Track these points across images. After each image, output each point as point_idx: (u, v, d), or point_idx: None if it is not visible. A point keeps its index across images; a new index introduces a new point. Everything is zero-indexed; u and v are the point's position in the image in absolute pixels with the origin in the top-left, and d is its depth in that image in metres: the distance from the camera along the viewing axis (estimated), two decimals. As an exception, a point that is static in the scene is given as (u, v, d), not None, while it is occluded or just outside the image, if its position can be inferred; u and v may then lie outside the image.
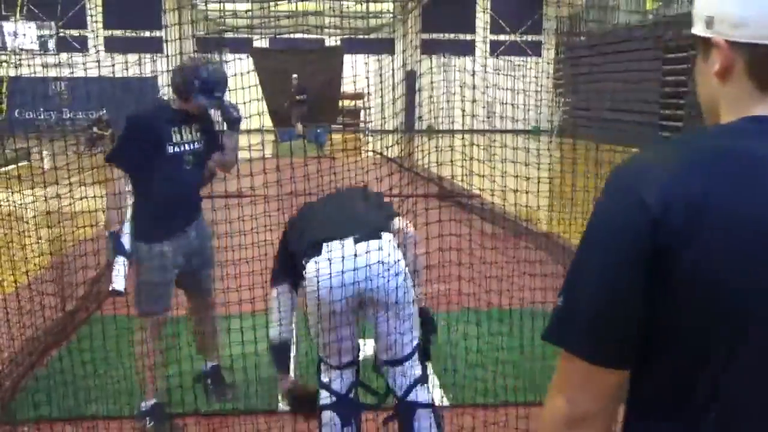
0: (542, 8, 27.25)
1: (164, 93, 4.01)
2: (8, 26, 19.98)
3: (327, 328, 2.88)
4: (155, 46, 17.73)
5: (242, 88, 4.34)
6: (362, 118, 24.02)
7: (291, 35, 22.33)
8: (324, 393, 3.10)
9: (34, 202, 4.66)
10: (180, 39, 4.88)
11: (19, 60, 4.84)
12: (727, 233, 1.06)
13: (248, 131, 4.73)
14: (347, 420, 3.05)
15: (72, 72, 5.63)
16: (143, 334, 3.84)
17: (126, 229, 3.73)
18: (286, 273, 3.12)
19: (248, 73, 4.36)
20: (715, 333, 1.09)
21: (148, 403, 3.86)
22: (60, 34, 22.65)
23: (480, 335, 4.50)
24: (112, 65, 5.23)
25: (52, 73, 6.12)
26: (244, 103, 4.21)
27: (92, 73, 6.23)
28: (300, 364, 4.29)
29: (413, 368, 2.97)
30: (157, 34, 21.45)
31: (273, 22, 21.94)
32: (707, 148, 1.15)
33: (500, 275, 4.91)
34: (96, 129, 17.81)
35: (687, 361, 1.12)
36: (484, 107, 6.23)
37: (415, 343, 2.98)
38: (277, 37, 24.09)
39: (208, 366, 4.31)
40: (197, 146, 3.93)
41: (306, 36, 22.35)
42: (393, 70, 4.37)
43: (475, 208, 8.91)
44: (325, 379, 3.11)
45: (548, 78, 24.76)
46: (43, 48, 21.62)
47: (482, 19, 24.68)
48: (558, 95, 25.20)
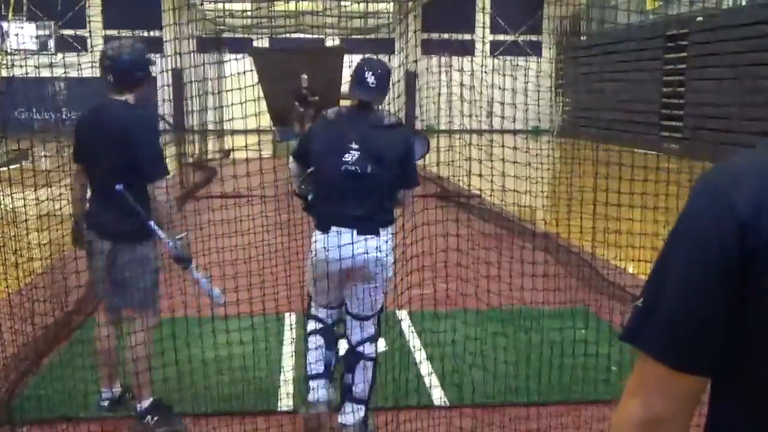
0: (542, 8, 27.25)
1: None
2: (8, 26, 19.98)
3: (321, 283, 3.57)
4: (155, 46, 17.73)
5: (241, 88, 4.34)
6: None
7: (291, 35, 22.30)
8: (311, 322, 3.72)
9: (37, 204, 4.65)
10: (180, 39, 4.87)
11: (12, 61, 4.79)
12: None
13: (243, 131, 4.72)
14: (330, 345, 3.68)
15: (66, 72, 5.60)
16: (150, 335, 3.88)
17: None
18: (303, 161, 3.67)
19: (245, 73, 4.36)
20: None
21: (145, 402, 3.82)
22: (59, 34, 22.65)
23: (479, 336, 4.49)
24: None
25: (50, 73, 6.10)
26: (242, 103, 4.21)
27: (92, 73, 6.22)
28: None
29: (370, 327, 3.61)
30: (156, 34, 21.46)
31: (272, 22, 21.93)
32: None
33: (500, 275, 4.91)
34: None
35: None
36: (481, 107, 6.22)
37: (377, 309, 3.62)
38: (277, 37, 24.08)
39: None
40: None
41: (306, 36, 22.35)
42: (392, 69, 4.36)
43: (475, 208, 8.91)
44: (314, 311, 3.73)
45: (550, 77, 24.76)
46: (43, 48, 21.62)
47: (482, 19, 24.68)
48: (558, 95, 25.22)
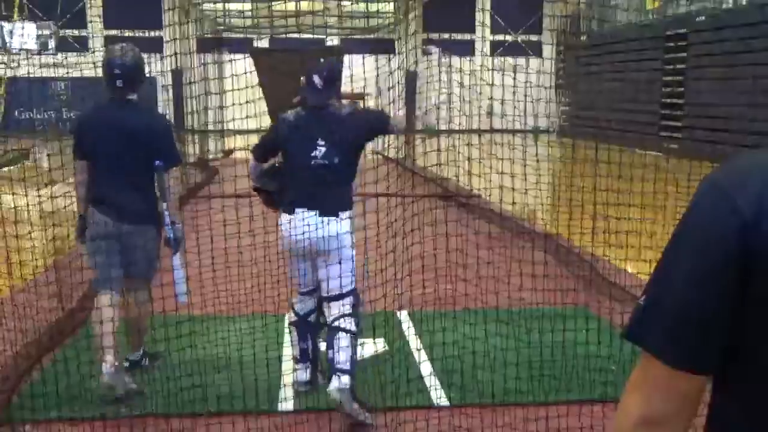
0: (542, 8, 27.24)
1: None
2: (7, 26, 19.99)
3: (294, 264, 4.00)
4: (155, 46, 17.74)
5: (241, 89, 4.34)
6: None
7: (291, 35, 22.30)
8: (289, 313, 4.16)
9: (39, 203, 4.65)
10: (180, 39, 4.88)
11: (17, 61, 4.84)
12: None
13: (243, 131, 4.73)
14: (303, 336, 4.09)
15: (68, 72, 5.62)
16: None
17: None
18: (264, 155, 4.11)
19: (246, 73, 4.36)
20: None
21: (137, 353, 4.39)
22: (60, 34, 22.65)
23: (480, 336, 4.50)
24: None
25: (52, 73, 6.10)
26: (243, 103, 4.21)
27: (92, 73, 6.22)
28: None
29: (346, 306, 3.88)
30: (157, 34, 21.46)
31: (273, 22, 21.93)
32: None
33: (500, 275, 4.91)
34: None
35: None
36: (480, 107, 6.22)
37: (348, 290, 3.90)
38: (277, 37, 24.08)
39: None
40: None
41: (306, 36, 22.34)
42: (393, 70, 4.37)
43: (475, 208, 8.91)
44: (293, 300, 4.16)
45: (550, 77, 24.76)
46: (44, 48, 21.62)
47: (482, 19, 24.68)
48: (558, 95, 25.22)
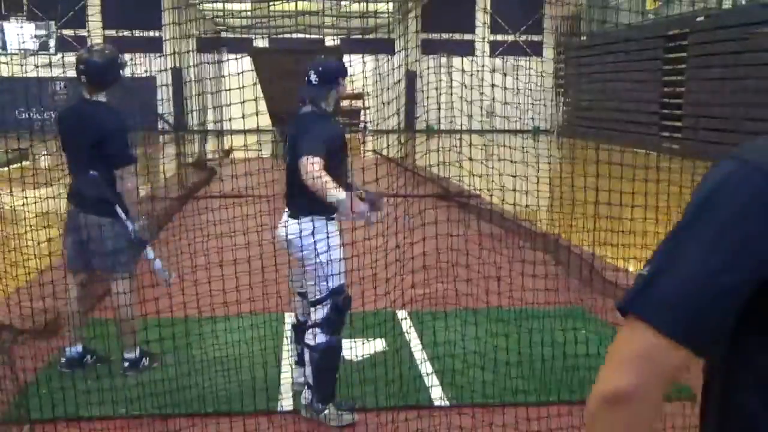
0: (543, 8, 27.24)
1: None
2: (8, 26, 19.99)
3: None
4: (155, 46, 17.73)
5: (240, 88, 4.33)
6: (362, 118, 24.00)
7: (291, 35, 22.29)
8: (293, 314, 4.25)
9: (35, 203, 4.65)
10: (179, 39, 4.89)
11: (19, 60, 4.88)
12: None
13: (242, 131, 4.73)
14: (298, 339, 4.08)
15: (64, 72, 5.62)
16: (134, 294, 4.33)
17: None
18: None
19: (245, 72, 4.35)
20: None
21: (132, 353, 4.44)
22: (59, 34, 22.65)
23: (479, 335, 4.49)
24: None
25: (51, 73, 6.10)
26: (242, 102, 4.21)
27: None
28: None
29: (318, 312, 3.82)
30: (156, 34, 21.46)
31: (272, 22, 21.92)
32: None
33: (500, 275, 4.90)
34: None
35: None
36: (481, 107, 6.22)
37: (319, 297, 3.80)
38: (277, 37, 24.06)
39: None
40: None
41: (306, 36, 22.34)
42: (392, 69, 4.36)
43: (474, 208, 8.90)
44: (291, 304, 4.29)
45: (550, 77, 24.76)
46: (43, 48, 21.62)
47: (482, 19, 24.67)
48: (558, 95, 25.22)
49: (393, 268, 4.05)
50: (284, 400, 4.13)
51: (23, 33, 20.49)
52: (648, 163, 5.33)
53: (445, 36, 25.97)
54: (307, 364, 3.86)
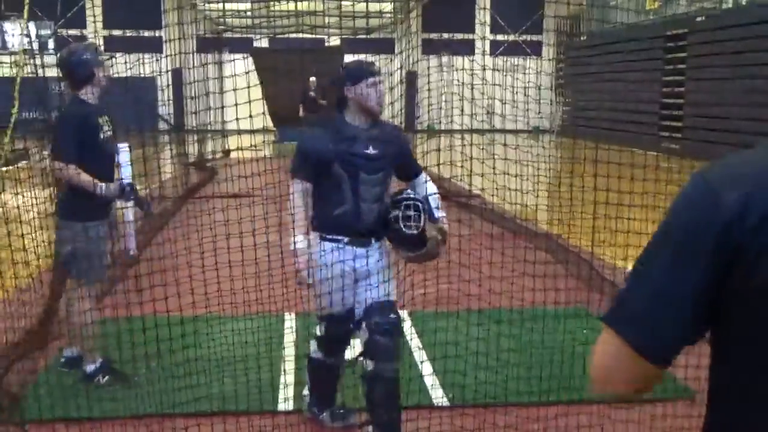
0: (542, 8, 27.25)
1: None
2: (8, 26, 19.99)
3: None
4: (155, 46, 17.72)
5: (241, 88, 4.33)
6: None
7: (291, 35, 22.29)
8: None
9: (38, 204, 4.65)
10: (180, 39, 4.89)
11: (26, 60, 4.93)
12: None
13: (243, 131, 4.72)
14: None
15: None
16: (83, 303, 4.18)
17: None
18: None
19: (248, 73, 4.35)
20: None
21: (91, 365, 4.26)
22: (59, 34, 22.65)
23: (481, 336, 4.49)
24: (112, 65, 5.22)
25: (51, 73, 6.12)
26: (243, 103, 4.21)
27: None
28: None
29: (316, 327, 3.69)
30: (157, 34, 21.46)
31: (273, 22, 21.92)
32: None
33: (501, 276, 4.91)
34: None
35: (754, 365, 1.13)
36: (483, 107, 6.22)
37: (317, 313, 3.66)
38: (277, 37, 24.06)
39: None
40: (110, 132, 4.38)
41: (306, 36, 22.33)
42: (393, 70, 4.37)
43: (475, 208, 8.91)
44: None
45: (550, 77, 24.75)
46: (43, 48, 21.60)
47: (482, 19, 24.67)
48: (558, 95, 25.21)
49: (393, 269, 4.05)
50: (284, 400, 4.14)
51: (22, 33, 20.48)
52: (648, 163, 5.33)
53: (445, 36, 25.97)
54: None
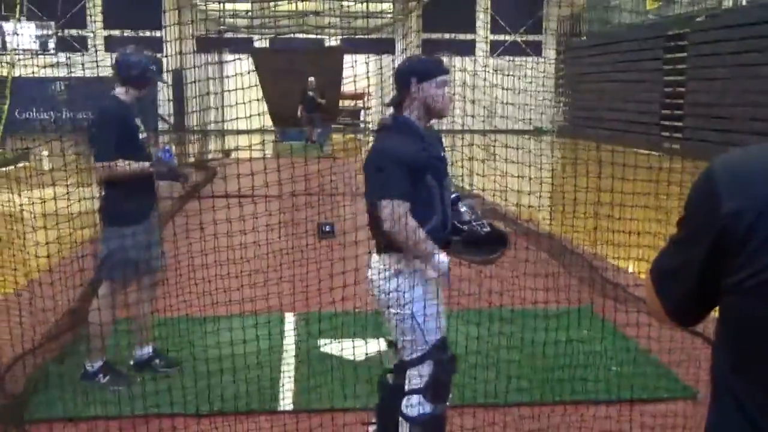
0: (543, 8, 27.24)
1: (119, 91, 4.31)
2: (8, 26, 19.99)
3: None
4: (155, 46, 17.68)
5: (242, 88, 4.33)
6: (362, 118, 23.99)
7: (291, 35, 22.29)
8: None
9: (36, 203, 4.64)
10: (180, 39, 4.88)
11: (19, 60, 4.88)
12: None
13: (243, 131, 4.73)
14: (384, 400, 3.31)
15: (71, 72, 5.64)
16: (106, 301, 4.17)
17: None
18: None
19: (249, 73, 4.35)
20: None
21: (95, 363, 4.24)
22: (60, 34, 22.64)
23: (480, 335, 4.49)
24: (112, 65, 5.21)
25: (51, 73, 6.12)
26: (243, 103, 4.21)
27: (92, 73, 6.21)
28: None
29: (411, 377, 3.04)
30: (157, 34, 21.45)
31: (273, 22, 21.92)
32: None
33: (500, 275, 4.90)
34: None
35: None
36: (484, 107, 6.21)
37: (404, 355, 3.05)
38: (277, 37, 24.06)
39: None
40: (145, 133, 4.40)
41: (306, 36, 22.34)
42: (393, 70, 4.35)
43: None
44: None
45: (551, 78, 24.74)
46: (43, 48, 21.61)
47: (482, 19, 24.67)
48: (559, 95, 25.21)
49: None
50: (284, 400, 4.14)
51: (24, 33, 20.46)
52: (648, 163, 5.33)
53: (445, 36, 25.97)
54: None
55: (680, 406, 3.83)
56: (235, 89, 4.40)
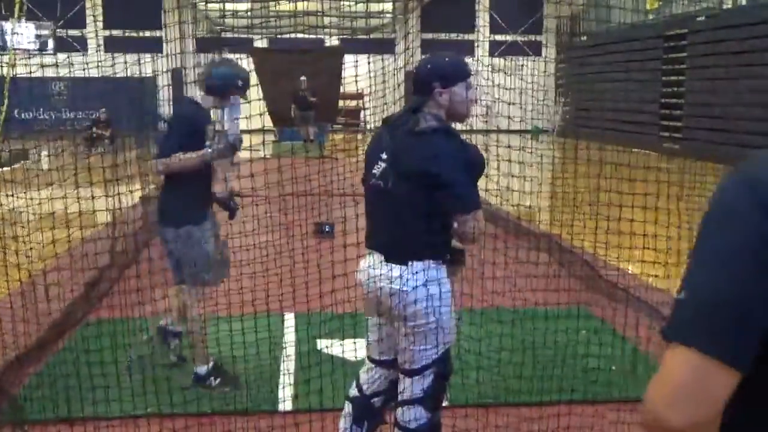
0: (542, 8, 27.24)
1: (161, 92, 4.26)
2: (7, 26, 19.98)
3: (369, 317, 3.10)
4: (155, 46, 17.72)
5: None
6: (362, 118, 23.99)
7: (291, 35, 22.29)
8: (354, 382, 3.22)
9: (36, 204, 4.64)
10: (180, 39, 4.89)
11: (18, 60, 4.86)
12: None
13: (242, 131, 4.73)
14: (358, 420, 3.11)
15: (71, 72, 5.65)
16: (198, 307, 4.20)
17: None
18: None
19: (248, 73, 4.36)
20: None
21: (203, 367, 4.23)
22: (59, 34, 22.63)
23: (480, 336, 4.49)
24: (112, 65, 5.22)
25: (50, 73, 6.13)
26: (242, 102, 4.21)
27: (92, 73, 6.22)
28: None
29: (416, 386, 2.89)
30: (156, 34, 21.45)
31: (273, 22, 21.92)
32: None
33: (500, 276, 4.91)
34: (95, 129, 17.81)
35: None
36: (484, 107, 6.21)
37: (418, 363, 2.88)
38: (277, 37, 24.06)
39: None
40: None
41: (306, 36, 22.34)
42: (393, 69, 4.36)
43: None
44: (361, 369, 3.21)
45: (550, 77, 24.74)
46: (42, 48, 21.60)
47: (482, 19, 24.67)
48: (558, 95, 25.21)
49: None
50: (284, 400, 4.14)
51: (24, 33, 20.47)
52: (648, 163, 5.34)
53: (445, 36, 25.97)
54: None
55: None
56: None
